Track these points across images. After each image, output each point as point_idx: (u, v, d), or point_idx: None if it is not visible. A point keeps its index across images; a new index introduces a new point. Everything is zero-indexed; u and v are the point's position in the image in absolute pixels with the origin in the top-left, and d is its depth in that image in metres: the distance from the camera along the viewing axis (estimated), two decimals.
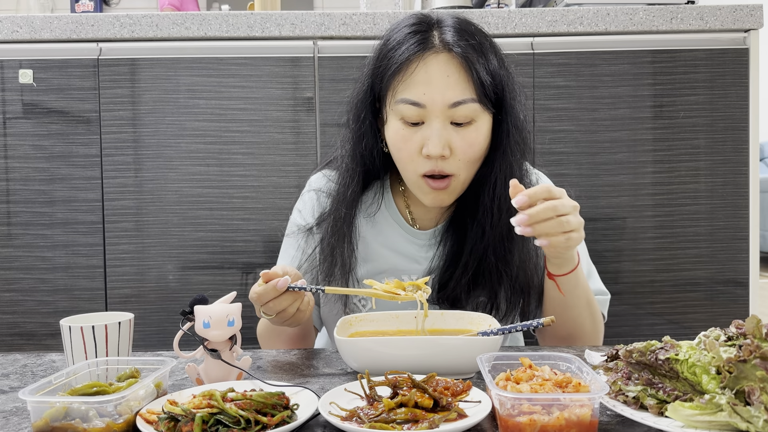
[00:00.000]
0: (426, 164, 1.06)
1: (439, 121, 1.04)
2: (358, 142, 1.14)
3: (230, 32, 1.75)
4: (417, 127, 1.06)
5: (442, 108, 1.04)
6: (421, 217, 1.20)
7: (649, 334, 1.71)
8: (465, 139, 1.05)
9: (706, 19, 1.74)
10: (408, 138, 1.06)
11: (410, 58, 1.05)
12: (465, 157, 1.06)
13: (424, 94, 1.04)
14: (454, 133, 1.05)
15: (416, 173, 1.08)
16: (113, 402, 0.69)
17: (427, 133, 1.05)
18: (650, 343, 0.74)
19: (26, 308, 1.76)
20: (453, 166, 1.06)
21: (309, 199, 1.22)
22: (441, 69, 1.04)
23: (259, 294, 0.93)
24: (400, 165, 1.11)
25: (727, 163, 1.76)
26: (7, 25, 1.74)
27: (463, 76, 1.04)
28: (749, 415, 0.62)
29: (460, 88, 1.04)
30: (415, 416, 0.67)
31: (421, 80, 1.04)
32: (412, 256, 1.17)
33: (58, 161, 1.76)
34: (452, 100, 1.03)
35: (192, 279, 1.77)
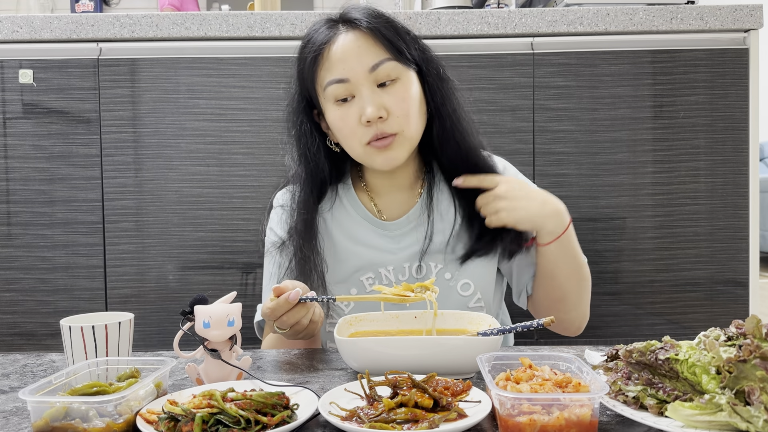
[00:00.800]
0: (368, 131, 1.11)
1: (366, 88, 1.10)
2: (303, 148, 1.20)
3: (230, 32, 1.75)
4: (349, 102, 1.11)
5: (364, 75, 1.09)
6: (388, 207, 1.23)
7: (649, 334, 1.72)
8: (395, 95, 1.11)
9: (706, 19, 1.74)
10: (345, 115, 1.11)
11: (322, 46, 1.12)
12: (402, 112, 1.11)
13: (343, 69, 1.10)
14: (384, 94, 1.10)
15: (361, 144, 1.12)
16: (113, 402, 0.69)
17: (360, 103, 1.10)
18: (650, 343, 0.74)
19: (26, 308, 1.76)
20: (394, 124, 1.11)
21: (275, 215, 1.26)
22: (351, 43, 1.11)
23: (272, 309, 0.95)
24: (346, 143, 1.15)
25: (727, 163, 1.76)
26: (7, 25, 1.74)
27: (374, 41, 1.11)
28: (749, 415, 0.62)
29: (374, 51, 1.10)
30: (415, 416, 0.67)
31: (338, 58, 1.10)
32: (384, 248, 1.19)
33: (58, 161, 1.76)
34: (370, 64, 1.09)
35: (192, 279, 1.77)
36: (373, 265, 1.18)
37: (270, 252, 1.24)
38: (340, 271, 1.19)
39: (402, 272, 1.18)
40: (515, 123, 1.76)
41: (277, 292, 0.95)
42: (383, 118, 1.10)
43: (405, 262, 1.18)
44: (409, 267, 1.18)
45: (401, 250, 1.19)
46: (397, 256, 1.18)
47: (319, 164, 1.20)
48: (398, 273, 1.18)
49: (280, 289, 0.95)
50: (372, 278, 1.18)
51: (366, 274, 1.18)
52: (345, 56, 1.10)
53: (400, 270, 1.18)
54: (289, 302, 0.94)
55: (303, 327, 0.98)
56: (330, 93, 1.12)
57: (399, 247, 1.19)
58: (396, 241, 1.20)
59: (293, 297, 0.93)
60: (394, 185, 1.22)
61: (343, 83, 1.10)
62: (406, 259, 1.18)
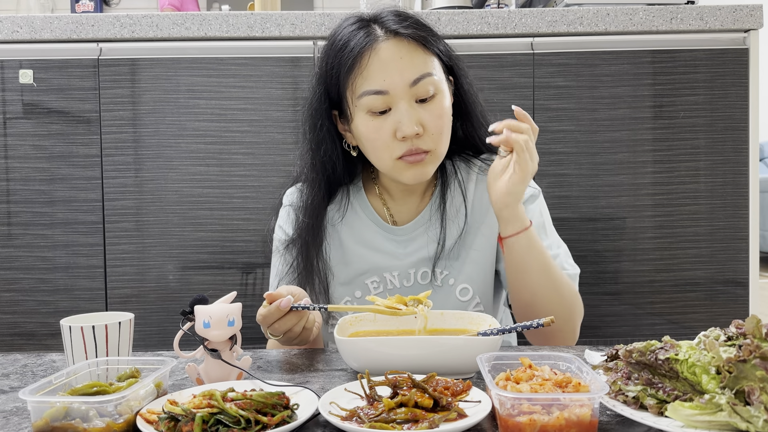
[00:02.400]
0: (401, 147, 1.08)
1: (404, 102, 1.07)
2: (317, 150, 1.16)
3: (230, 32, 1.75)
4: (385, 114, 1.08)
5: (404, 88, 1.06)
6: (399, 210, 1.21)
7: (649, 334, 1.71)
8: (433, 112, 1.08)
9: (706, 19, 1.74)
10: (379, 127, 1.08)
11: (361, 52, 1.07)
12: (437, 130, 1.09)
13: (384, 80, 1.06)
14: (422, 110, 1.08)
15: (392, 158, 1.10)
16: (113, 402, 0.69)
17: (397, 117, 1.07)
18: (650, 343, 0.74)
19: (26, 308, 1.76)
20: (428, 141, 1.09)
21: (284, 213, 1.25)
22: (393, 53, 1.07)
23: (264, 316, 0.94)
24: (375, 155, 1.12)
25: (727, 163, 1.76)
26: (8, 25, 1.74)
27: (415, 53, 1.08)
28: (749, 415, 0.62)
29: (415, 65, 1.07)
30: (415, 416, 0.67)
31: (378, 68, 1.06)
32: (391, 252, 1.18)
33: (58, 161, 1.76)
34: (411, 78, 1.06)
35: (192, 279, 1.77)
36: (378, 269, 1.18)
37: (278, 250, 1.23)
38: (345, 273, 1.19)
39: (407, 278, 1.17)
40: None
41: (270, 299, 0.94)
42: (419, 134, 1.07)
43: (410, 268, 1.17)
44: (414, 273, 1.17)
45: (407, 255, 1.18)
46: (402, 261, 1.17)
47: (335, 168, 1.18)
48: (403, 279, 1.17)
49: (273, 296, 0.94)
50: (377, 282, 1.18)
51: (371, 278, 1.18)
52: (386, 67, 1.06)
53: (405, 276, 1.17)
54: (280, 310, 0.93)
55: (296, 334, 0.97)
56: (365, 103, 1.08)
57: (406, 252, 1.18)
58: (403, 246, 1.18)
59: (284, 305, 0.92)
60: (408, 189, 1.20)
61: (381, 95, 1.07)
62: (411, 265, 1.17)
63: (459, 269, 1.17)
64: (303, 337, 0.99)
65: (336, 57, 1.10)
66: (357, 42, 1.08)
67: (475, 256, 1.17)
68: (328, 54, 1.12)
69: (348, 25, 1.12)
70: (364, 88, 1.07)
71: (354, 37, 1.09)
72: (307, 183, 1.20)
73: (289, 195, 1.27)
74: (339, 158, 1.18)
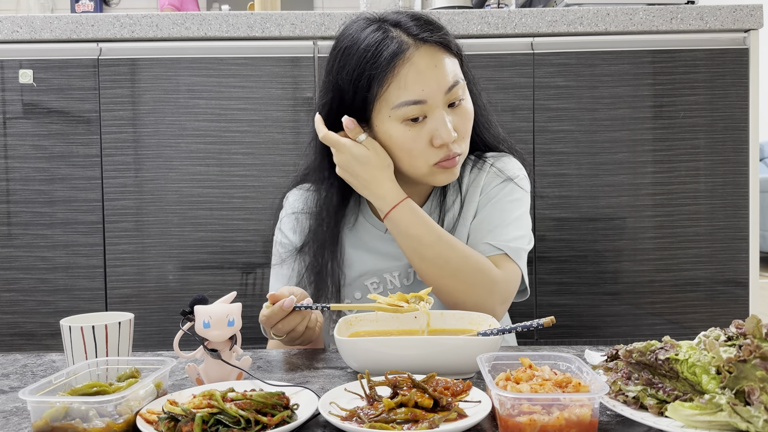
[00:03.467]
0: (438, 153, 1.08)
1: (440, 110, 1.07)
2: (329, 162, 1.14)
3: (230, 32, 1.75)
4: (420, 123, 1.07)
5: (441, 97, 1.07)
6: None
7: (649, 334, 1.71)
8: (463, 116, 1.10)
9: (706, 19, 1.74)
10: (416, 136, 1.07)
11: (394, 62, 1.05)
12: (466, 132, 1.11)
13: (422, 90, 1.05)
14: (454, 115, 1.09)
15: (428, 165, 1.09)
16: (113, 402, 0.69)
17: (434, 125, 1.07)
18: (650, 343, 0.74)
19: (26, 308, 1.76)
20: (462, 145, 1.11)
21: (289, 221, 1.23)
22: (427, 62, 1.06)
23: (267, 316, 0.95)
24: (409, 162, 1.10)
25: (727, 163, 1.76)
26: (7, 25, 1.74)
27: (446, 60, 1.08)
28: (749, 415, 0.62)
29: (449, 71, 1.08)
30: (415, 416, 0.67)
31: (415, 79, 1.05)
32: (390, 254, 1.18)
33: (58, 161, 1.76)
34: (447, 86, 1.07)
35: (192, 279, 1.77)
36: (378, 271, 1.18)
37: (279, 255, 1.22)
38: (345, 276, 1.19)
39: (407, 276, 1.18)
40: (515, 123, 1.76)
41: (273, 299, 0.95)
42: (456, 140, 1.08)
43: (410, 267, 1.17)
44: (413, 271, 1.17)
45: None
46: (401, 261, 1.17)
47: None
48: (403, 278, 1.18)
49: (276, 297, 0.95)
50: (377, 282, 1.18)
51: (371, 279, 1.18)
52: (423, 77, 1.05)
53: (405, 275, 1.18)
54: (283, 310, 0.93)
55: (299, 334, 0.98)
56: (401, 114, 1.06)
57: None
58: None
59: (287, 305, 0.93)
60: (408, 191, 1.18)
61: (419, 105, 1.06)
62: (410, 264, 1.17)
63: None
64: (306, 337, 1.00)
65: (362, 66, 1.06)
66: (388, 51, 1.05)
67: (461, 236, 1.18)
68: (348, 61, 1.08)
69: (370, 32, 1.08)
70: (402, 98, 1.05)
71: (381, 45, 1.06)
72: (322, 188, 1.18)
73: (292, 200, 1.24)
74: None
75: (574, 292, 1.75)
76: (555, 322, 0.88)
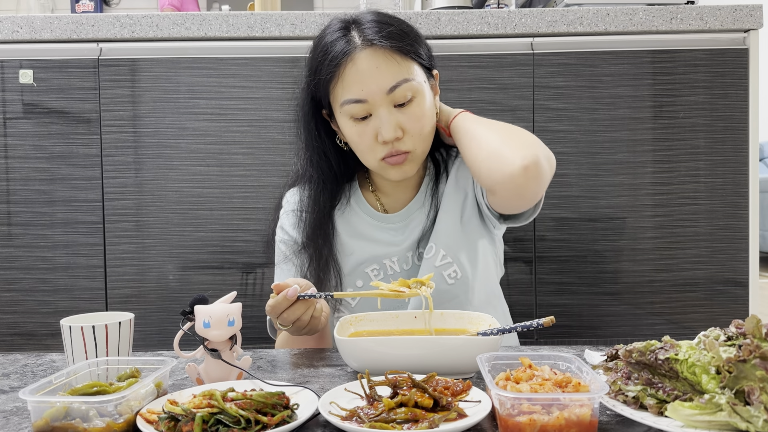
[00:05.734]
0: (383, 149, 1.14)
1: (383, 109, 1.12)
2: (314, 150, 1.23)
3: (230, 32, 1.75)
4: (367, 120, 1.13)
5: (382, 96, 1.11)
6: (391, 202, 1.27)
7: (649, 334, 1.72)
8: (411, 115, 1.13)
9: (706, 19, 1.74)
10: (362, 132, 1.14)
11: (339, 63, 1.12)
12: (416, 131, 1.14)
13: (362, 90, 1.11)
14: (401, 115, 1.13)
15: (376, 159, 1.16)
16: (113, 402, 0.69)
17: (377, 123, 1.12)
18: (650, 343, 0.74)
19: (26, 308, 1.76)
20: (408, 143, 1.14)
21: (288, 219, 1.28)
22: (369, 63, 1.11)
23: (272, 306, 0.97)
24: (362, 156, 1.18)
25: (727, 163, 1.76)
26: (8, 25, 1.74)
27: (391, 62, 1.11)
28: (749, 415, 0.62)
29: (391, 73, 1.11)
30: (415, 416, 0.67)
31: (355, 79, 1.11)
32: (388, 241, 1.23)
33: (58, 161, 1.76)
34: (387, 86, 1.11)
35: (192, 279, 1.77)
36: (377, 257, 1.22)
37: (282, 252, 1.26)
38: (345, 265, 1.23)
39: (406, 261, 1.22)
40: (515, 123, 1.75)
41: (277, 289, 0.97)
42: (399, 137, 1.13)
43: (408, 251, 1.22)
44: (411, 255, 1.22)
45: (404, 241, 1.23)
46: (400, 247, 1.22)
47: (331, 164, 1.24)
48: (402, 263, 1.22)
49: (280, 287, 0.97)
50: (377, 269, 1.22)
51: (371, 266, 1.22)
52: (363, 77, 1.11)
53: (404, 260, 1.22)
54: (287, 299, 0.95)
55: (304, 323, 1.00)
56: (347, 110, 1.13)
57: (402, 238, 1.23)
58: (399, 233, 1.24)
59: (291, 294, 0.95)
60: (399, 183, 1.25)
61: (360, 103, 1.12)
62: (408, 248, 1.22)
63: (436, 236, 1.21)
64: (312, 326, 1.02)
65: (318, 65, 1.15)
66: (336, 52, 1.12)
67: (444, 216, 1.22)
68: (313, 59, 1.17)
69: (331, 31, 1.16)
70: (344, 97, 1.13)
71: (334, 46, 1.13)
72: (309, 181, 1.25)
73: (290, 198, 1.30)
74: (332, 154, 1.23)
75: (574, 292, 1.75)
76: (555, 322, 0.88)
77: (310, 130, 1.22)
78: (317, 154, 1.23)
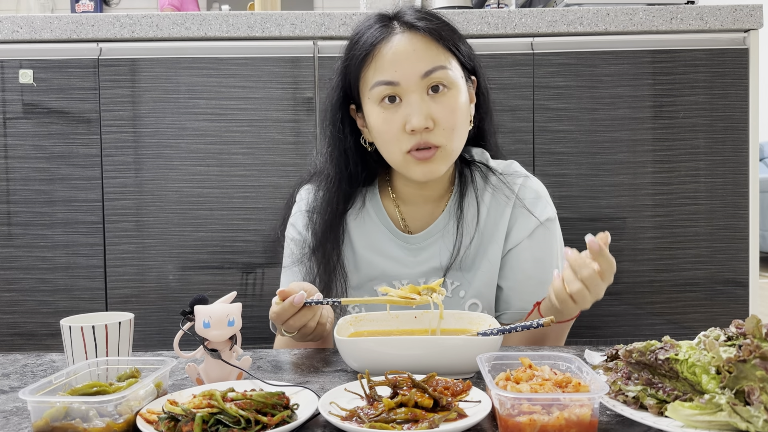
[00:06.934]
0: (411, 140, 1.06)
1: (415, 95, 1.05)
2: (335, 146, 1.16)
3: (230, 32, 1.75)
4: (396, 106, 1.07)
5: (416, 80, 1.05)
6: (413, 217, 1.20)
7: (649, 334, 1.71)
8: (445, 106, 1.06)
9: (706, 19, 1.74)
10: (389, 119, 1.07)
11: (375, 44, 1.07)
12: (449, 125, 1.06)
13: (395, 71, 1.05)
14: (433, 103, 1.06)
15: (402, 151, 1.08)
16: (113, 402, 0.69)
17: (407, 110, 1.06)
18: (650, 343, 0.74)
19: (26, 308, 1.76)
20: (439, 136, 1.07)
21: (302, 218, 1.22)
22: (407, 45, 1.06)
23: (277, 313, 0.94)
24: (386, 148, 1.10)
25: (727, 163, 1.76)
26: (7, 25, 1.74)
27: (430, 46, 1.07)
28: (749, 415, 0.62)
29: (429, 57, 1.06)
30: (415, 416, 0.67)
31: (390, 60, 1.06)
32: (402, 260, 1.17)
33: (58, 161, 1.76)
34: (423, 70, 1.05)
35: (192, 279, 1.77)
36: (388, 276, 1.17)
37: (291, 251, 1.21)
38: (355, 278, 1.18)
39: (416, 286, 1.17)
40: (515, 123, 1.76)
41: (282, 295, 0.94)
42: (429, 128, 1.05)
43: (420, 277, 1.16)
44: (424, 283, 1.15)
45: (418, 264, 1.16)
46: (413, 270, 1.16)
47: (350, 163, 1.16)
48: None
49: (285, 293, 0.94)
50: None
51: (380, 284, 1.17)
52: (398, 58, 1.06)
53: (415, 284, 1.16)
54: (294, 306, 0.92)
55: (310, 330, 0.97)
56: (376, 93, 1.07)
57: (416, 260, 1.16)
58: (414, 254, 1.17)
59: (297, 300, 0.92)
60: (422, 195, 1.19)
61: (392, 86, 1.06)
62: (421, 274, 1.16)
63: (470, 282, 1.16)
64: (317, 333, 0.99)
65: (351, 50, 1.11)
66: (371, 34, 1.08)
67: (486, 270, 1.16)
68: (348, 45, 1.13)
69: (368, 21, 1.12)
70: (375, 78, 1.07)
71: (370, 31, 1.09)
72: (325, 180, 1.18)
73: (304, 197, 1.24)
74: (353, 153, 1.16)
75: None
76: (555, 322, 0.88)
77: (335, 123, 1.15)
78: (338, 150, 1.16)
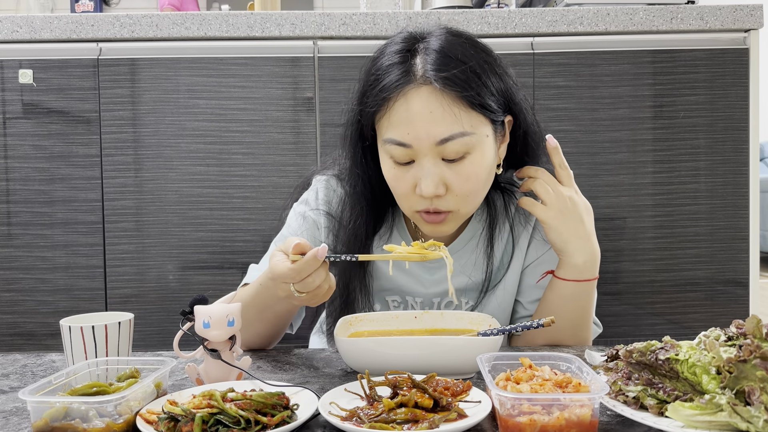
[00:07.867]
0: (421, 202, 0.98)
1: (428, 159, 0.95)
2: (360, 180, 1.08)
3: (230, 32, 1.75)
4: (408, 165, 0.98)
5: (430, 146, 0.95)
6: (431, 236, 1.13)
7: (649, 334, 1.71)
8: (460, 174, 0.96)
9: (706, 19, 1.74)
10: (400, 177, 0.98)
11: (389, 97, 0.96)
12: (463, 192, 0.98)
13: (408, 133, 0.95)
14: (447, 170, 0.96)
15: (411, 210, 1.01)
16: (113, 402, 0.69)
17: (419, 173, 0.96)
18: (650, 343, 0.74)
19: (26, 308, 1.76)
20: (450, 202, 0.98)
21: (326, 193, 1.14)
22: (422, 105, 0.94)
23: (297, 270, 0.83)
24: (397, 201, 1.04)
25: (727, 163, 1.76)
26: (7, 25, 1.74)
27: (448, 109, 0.94)
28: (749, 415, 0.62)
29: (446, 122, 0.94)
30: (415, 416, 0.67)
31: (404, 119, 0.95)
32: (418, 277, 1.12)
33: (58, 161, 1.76)
34: (439, 137, 0.94)
35: (192, 279, 1.77)
36: (401, 291, 1.12)
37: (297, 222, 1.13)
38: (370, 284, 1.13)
39: (430, 306, 1.12)
40: None
41: (299, 249, 0.83)
42: (440, 195, 0.97)
43: (435, 297, 1.12)
44: (439, 302, 1.12)
45: (433, 284, 1.11)
46: (428, 289, 1.12)
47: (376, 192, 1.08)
48: (425, 306, 1.12)
49: (302, 246, 0.83)
50: (398, 302, 1.13)
51: (393, 296, 1.13)
52: (412, 119, 0.94)
53: (428, 304, 1.12)
54: (317, 259, 0.82)
55: (323, 291, 0.87)
56: (388, 149, 0.98)
57: (432, 279, 1.11)
58: (431, 273, 1.12)
59: (321, 254, 0.82)
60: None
61: (403, 147, 0.96)
62: (436, 294, 1.12)
63: (484, 304, 1.12)
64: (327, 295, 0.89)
65: (368, 90, 1.00)
66: (389, 81, 0.96)
67: (501, 293, 1.13)
68: (365, 81, 1.01)
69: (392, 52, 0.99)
70: (388, 134, 0.97)
71: (389, 72, 0.97)
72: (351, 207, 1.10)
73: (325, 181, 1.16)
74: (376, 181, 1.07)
75: None
76: (555, 322, 0.88)
77: (356, 159, 1.06)
78: (362, 183, 1.07)
